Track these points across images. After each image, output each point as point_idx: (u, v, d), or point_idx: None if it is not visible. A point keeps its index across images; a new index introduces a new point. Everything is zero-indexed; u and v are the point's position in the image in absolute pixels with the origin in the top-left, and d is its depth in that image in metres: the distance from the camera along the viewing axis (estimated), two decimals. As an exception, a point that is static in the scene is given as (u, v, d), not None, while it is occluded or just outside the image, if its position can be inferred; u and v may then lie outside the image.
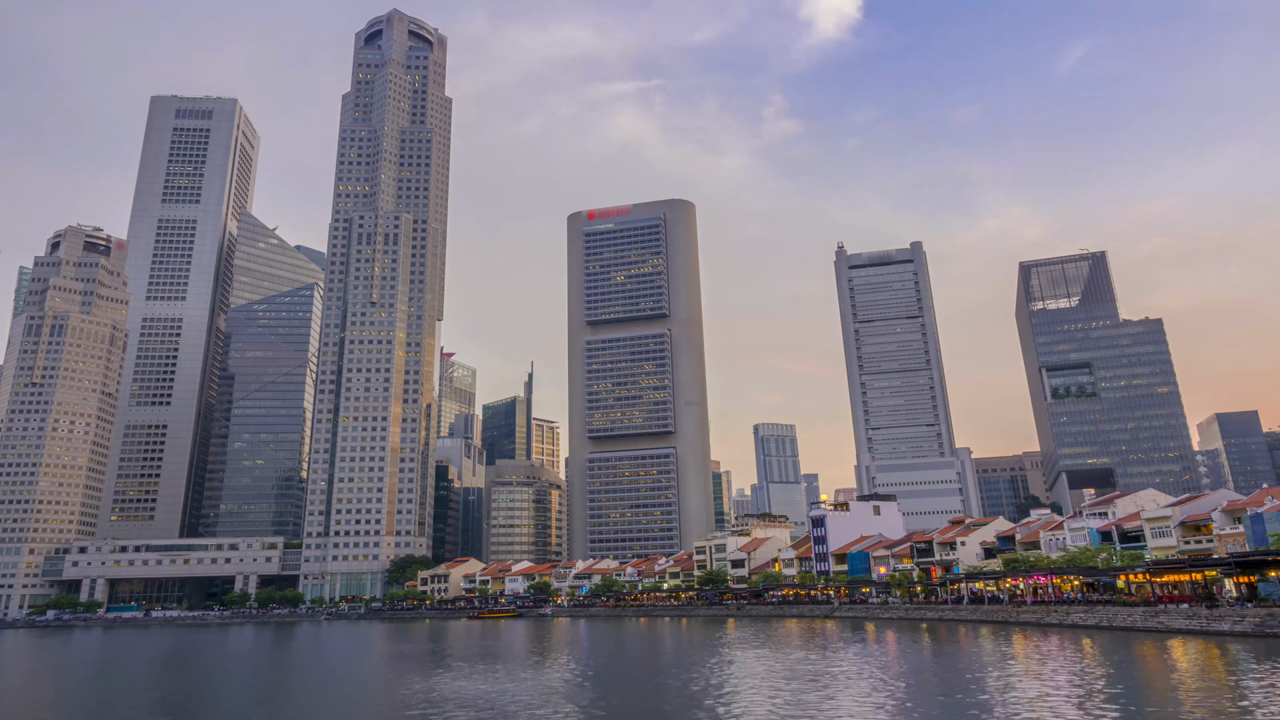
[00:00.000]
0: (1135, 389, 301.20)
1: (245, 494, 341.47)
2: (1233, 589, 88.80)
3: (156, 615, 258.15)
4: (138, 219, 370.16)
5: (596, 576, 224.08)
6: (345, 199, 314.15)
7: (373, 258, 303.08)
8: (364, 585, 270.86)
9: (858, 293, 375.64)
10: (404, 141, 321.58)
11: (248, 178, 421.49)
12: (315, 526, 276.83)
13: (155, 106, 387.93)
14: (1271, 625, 75.46)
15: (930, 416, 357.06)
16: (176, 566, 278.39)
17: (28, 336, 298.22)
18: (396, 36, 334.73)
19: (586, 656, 79.53)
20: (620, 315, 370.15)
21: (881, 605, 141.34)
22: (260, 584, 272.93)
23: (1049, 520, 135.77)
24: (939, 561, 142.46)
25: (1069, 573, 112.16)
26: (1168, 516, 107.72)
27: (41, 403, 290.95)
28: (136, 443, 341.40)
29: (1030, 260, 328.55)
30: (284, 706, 53.01)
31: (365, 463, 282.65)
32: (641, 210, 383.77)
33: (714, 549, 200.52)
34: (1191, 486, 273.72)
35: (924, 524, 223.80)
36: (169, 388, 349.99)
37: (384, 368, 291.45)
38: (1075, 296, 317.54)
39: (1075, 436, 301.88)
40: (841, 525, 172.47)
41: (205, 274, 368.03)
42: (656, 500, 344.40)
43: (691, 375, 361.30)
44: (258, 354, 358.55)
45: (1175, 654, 64.23)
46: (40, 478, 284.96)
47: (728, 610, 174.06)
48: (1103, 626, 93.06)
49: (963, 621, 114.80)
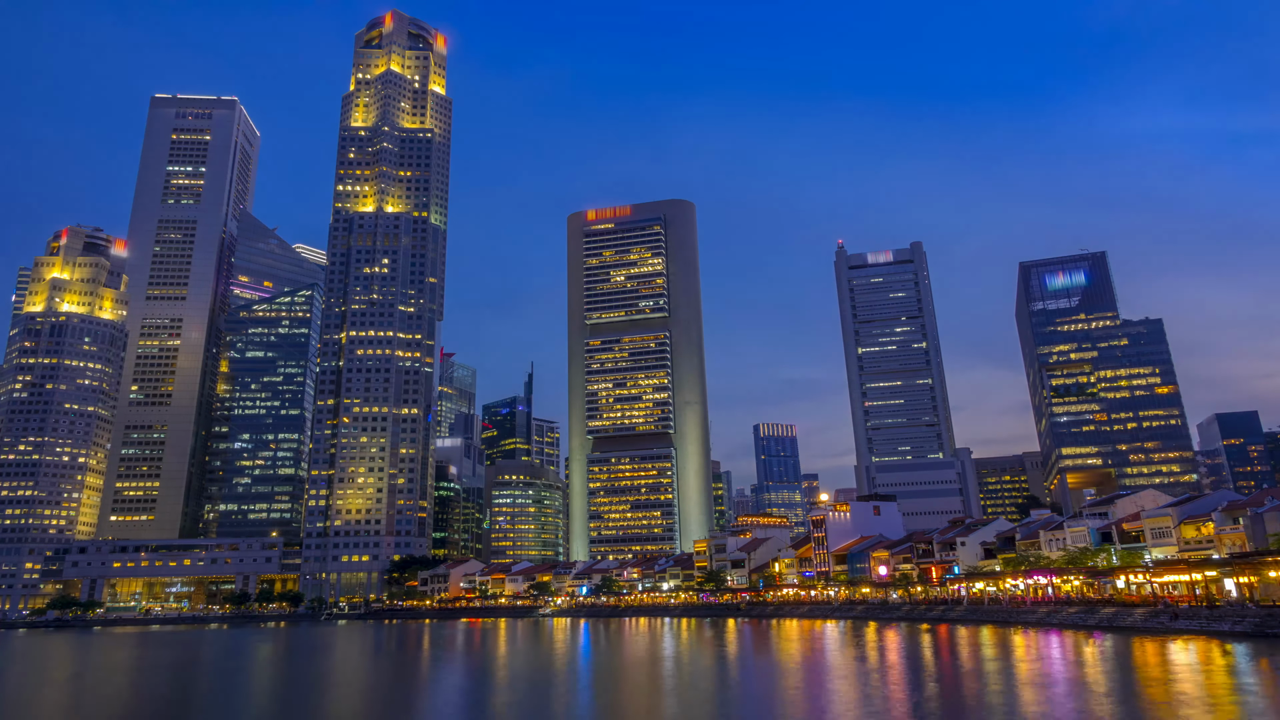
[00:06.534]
0: (1135, 389, 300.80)
1: (245, 494, 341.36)
2: (1233, 589, 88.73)
3: (156, 615, 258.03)
4: (138, 219, 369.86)
5: (596, 577, 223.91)
6: (345, 199, 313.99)
7: (373, 258, 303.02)
8: (364, 586, 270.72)
9: (857, 293, 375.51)
10: (404, 141, 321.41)
11: (247, 178, 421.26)
12: (315, 526, 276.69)
13: (155, 106, 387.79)
14: (1271, 625, 75.43)
15: (930, 416, 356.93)
16: (176, 566, 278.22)
17: (28, 336, 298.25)
18: (396, 36, 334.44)
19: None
20: (620, 315, 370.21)
21: (881, 605, 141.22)
22: (260, 584, 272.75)
23: (1049, 520, 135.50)
24: (939, 561, 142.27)
25: (1069, 573, 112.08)
26: (1168, 517, 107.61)
27: (41, 403, 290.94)
28: (136, 443, 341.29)
29: (1030, 260, 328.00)
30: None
31: (365, 463, 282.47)
32: (641, 210, 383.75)
33: (714, 549, 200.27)
34: (1191, 487, 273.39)
35: (924, 524, 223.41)
36: (169, 388, 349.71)
37: (384, 368, 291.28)
38: (1075, 296, 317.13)
39: (1075, 436, 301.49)
40: (841, 525, 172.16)
41: (205, 274, 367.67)
42: (656, 500, 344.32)
43: (691, 375, 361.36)
44: (258, 354, 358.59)
45: (1175, 654, 64.14)
46: (40, 478, 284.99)
47: (727, 611, 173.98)
48: (1103, 627, 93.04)
49: (963, 621, 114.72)
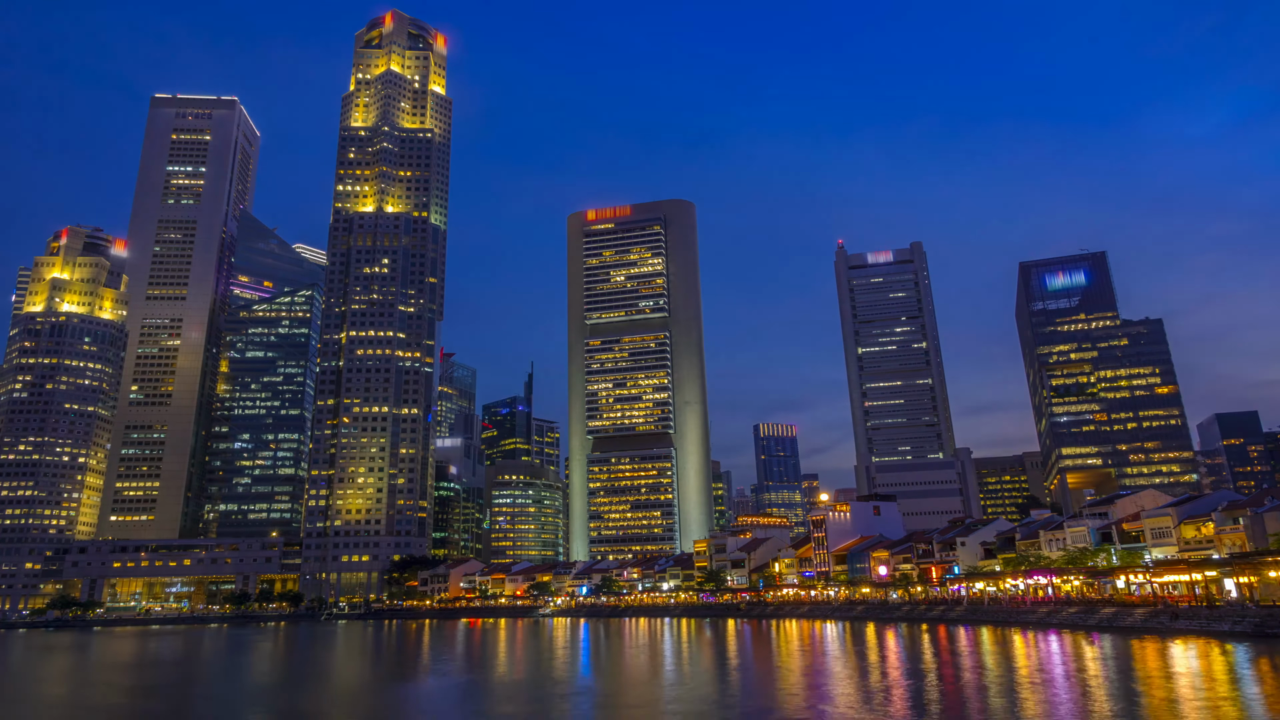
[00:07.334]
0: (1135, 389, 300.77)
1: (245, 494, 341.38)
2: (1233, 589, 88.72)
3: (156, 616, 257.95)
4: (138, 219, 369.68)
5: (596, 577, 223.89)
6: (345, 199, 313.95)
7: (373, 258, 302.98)
8: (364, 586, 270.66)
9: (857, 293, 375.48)
10: (404, 141, 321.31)
11: (247, 178, 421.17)
12: (315, 526, 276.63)
13: (155, 106, 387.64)
14: (1271, 625, 75.44)
15: (930, 416, 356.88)
16: (176, 566, 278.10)
17: (28, 336, 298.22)
18: (396, 36, 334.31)
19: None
20: (620, 315, 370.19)
21: (881, 606, 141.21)
22: (260, 584, 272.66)
23: (1049, 520, 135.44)
24: (939, 561, 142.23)
25: (1069, 573, 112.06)
26: (1168, 517, 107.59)
27: (41, 403, 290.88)
28: (136, 443, 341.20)
29: (1030, 260, 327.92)
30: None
31: (365, 463, 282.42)
32: (641, 210, 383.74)
33: (714, 549, 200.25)
34: (1191, 487, 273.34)
35: (924, 524, 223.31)
36: (169, 388, 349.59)
37: (384, 368, 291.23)
38: (1075, 296, 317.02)
39: (1075, 436, 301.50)
40: (841, 525, 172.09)
41: (205, 274, 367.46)
42: (656, 500, 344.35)
43: (691, 375, 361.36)
44: (258, 354, 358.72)
45: (1175, 654, 64.13)
46: (40, 478, 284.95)
47: (727, 611, 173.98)
48: (1103, 627, 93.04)
49: (963, 622, 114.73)
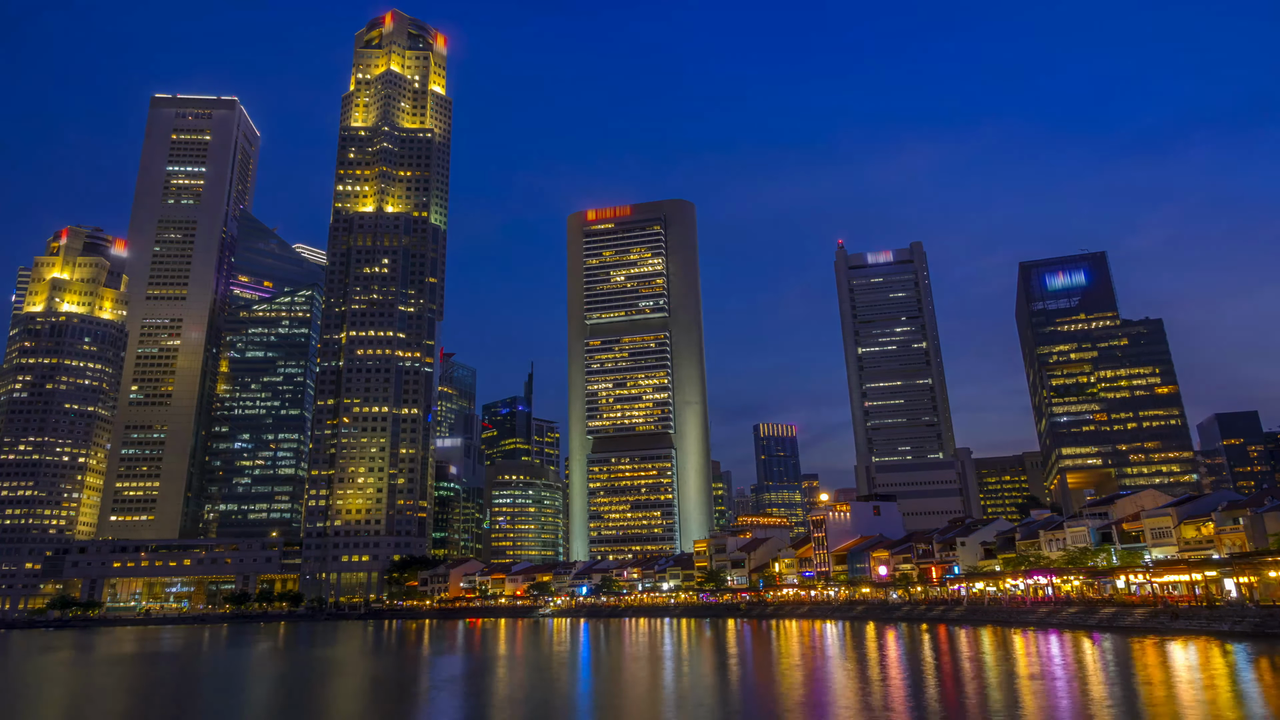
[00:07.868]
0: (1135, 389, 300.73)
1: (245, 494, 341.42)
2: (1233, 589, 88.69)
3: (156, 616, 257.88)
4: (138, 219, 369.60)
5: (596, 577, 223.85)
6: (345, 199, 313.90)
7: (373, 258, 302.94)
8: (364, 586, 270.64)
9: (857, 293, 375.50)
10: (404, 141, 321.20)
11: (247, 178, 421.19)
12: (315, 527, 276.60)
13: (155, 106, 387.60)
14: (1271, 625, 75.42)
15: (930, 416, 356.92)
16: (176, 566, 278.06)
17: (28, 336, 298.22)
18: (396, 36, 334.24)
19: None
20: (620, 315, 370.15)
21: (881, 606, 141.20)
22: (260, 584, 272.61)
23: (1049, 520, 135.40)
24: (939, 561, 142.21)
25: (1069, 573, 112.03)
26: (1168, 517, 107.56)
27: (41, 403, 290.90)
28: (136, 443, 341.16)
29: (1030, 260, 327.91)
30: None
31: (365, 463, 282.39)
32: (641, 210, 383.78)
33: (714, 549, 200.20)
34: (1192, 487, 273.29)
35: (924, 524, 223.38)
36: (169, 388, 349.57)
37: (384, 368, 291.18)
38: (1075, 296, 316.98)
39: (1075, 436, 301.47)
40: (841, 525, 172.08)
41: (205, 274, 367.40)
42: (656, 500, 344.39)
43: (691, 375, 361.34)
44: (257, 354, 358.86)
45: (1175, 654, 64.11)
46: (40, 478, 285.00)
47: (727, 611, 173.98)
48: (1103, 627, 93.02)
49: (963, 622, 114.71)
